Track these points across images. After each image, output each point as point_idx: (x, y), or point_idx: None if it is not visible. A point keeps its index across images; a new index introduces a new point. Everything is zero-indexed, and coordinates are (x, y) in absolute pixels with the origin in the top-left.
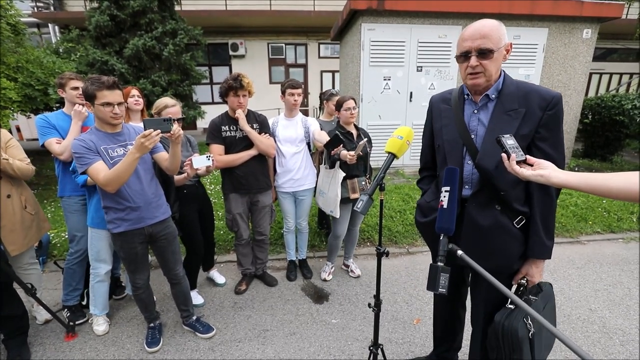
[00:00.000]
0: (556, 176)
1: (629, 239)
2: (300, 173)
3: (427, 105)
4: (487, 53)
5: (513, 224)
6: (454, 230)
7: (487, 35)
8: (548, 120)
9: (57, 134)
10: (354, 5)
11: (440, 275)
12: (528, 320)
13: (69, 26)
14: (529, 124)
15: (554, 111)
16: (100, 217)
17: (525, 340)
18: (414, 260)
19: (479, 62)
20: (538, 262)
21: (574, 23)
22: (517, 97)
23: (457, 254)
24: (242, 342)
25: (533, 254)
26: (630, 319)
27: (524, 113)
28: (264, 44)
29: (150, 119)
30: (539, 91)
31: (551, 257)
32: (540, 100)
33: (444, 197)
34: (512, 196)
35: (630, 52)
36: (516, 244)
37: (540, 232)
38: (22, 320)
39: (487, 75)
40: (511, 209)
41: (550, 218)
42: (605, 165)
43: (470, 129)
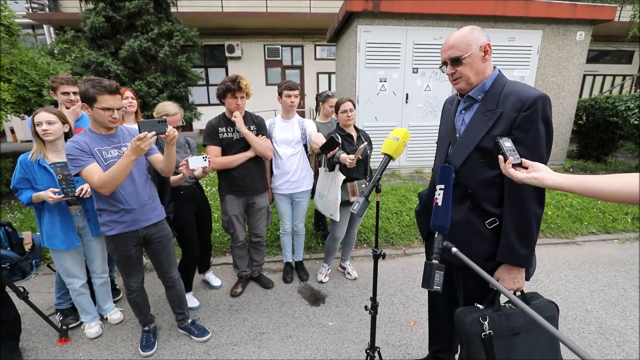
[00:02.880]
0: (550, 178)
1: (624, 240)
2: (297, 175)
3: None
4: (457, 60)
5: (485, 224)
6: (448, 228)
7: (454, 45)
8: (522, 122)
9: None
10: (349, 7)
11: (435, 272)
12: (485, 321)
13: (64, 27)
14: (503, 124)
15: (529, 112)
16: (54, 236)
17: (477, 339)
18: (411, 261)
19: (453, 69)
20: (511, 268)
21: (567, 25)
22: (498, 98)
23: (451, 251)
24: (238, 345)
25: (502, 257)
26: (626, 319)
27: (499, 114)
28: (260, 46)
29: (145, 121)
30: (519, 92)
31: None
32: (516, 101)
33: (439, 195)
34: (480, 196)
35: (623, 54)
36: (484, 244)
37: (510, 237)
38: (14, 324)
39: (465, 79)
40: (482, 209)
41: (525, 224)
42: (599, 166)
43: (456, 128)
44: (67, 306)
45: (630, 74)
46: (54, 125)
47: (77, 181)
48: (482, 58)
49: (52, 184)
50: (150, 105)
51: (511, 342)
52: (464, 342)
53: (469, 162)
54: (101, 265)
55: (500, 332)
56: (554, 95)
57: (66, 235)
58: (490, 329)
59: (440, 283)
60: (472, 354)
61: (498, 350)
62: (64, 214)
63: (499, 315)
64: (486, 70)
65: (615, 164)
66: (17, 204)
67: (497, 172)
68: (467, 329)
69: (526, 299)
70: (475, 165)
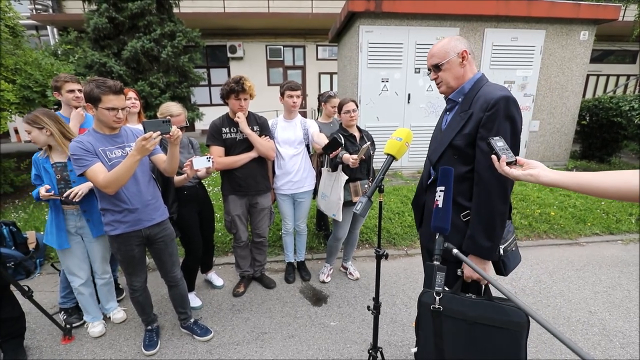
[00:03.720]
0: (545, 175)
1: (628, 241)
2: (299, 175)
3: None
4: (437, 67)
5: (460, 216)
6: (449, 229)
7: (433, 54)
8: (486, 121)
9: None
10: (351, 7)
11: (436, 274)
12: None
13: (68, 28)
14: (471, 124)
15: (492, 112)
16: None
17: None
18: (413, 262)
19: (435, 75)
20: (476, 260)
21: (571, 25)
22: (472, 100)
23: (452, 252)
24: (240, 345)
25: (465, 247)
26: (630, 321)
27: (470, 114)
28: (262, 46)
29: (149, 121)
30: (486, 93)
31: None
32: (482, 102)
33: (439, 196)
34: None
35: (627, 53)
36: (458, 235)
37: (474, 230)
38: (18, 322)
39: (445, 83)
40: (456, 202)
41: (488, 217)
42: (603, 166)
43: (442, 127)
44: (71, 305)
45: (634, 74)
46: (31, 134)
47: (74, 181)
48: (460, 64)
49: (53, 183)
50: (152, 105)
51: (464, 328)
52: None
53: (444, 159)
54: (101, 266)
55: (453, 314)
56: (558, 95)
57: (58, 234)
58: (441, 304)
59: (442, 284)
60: (421, 325)
61: (446, 329)
62: (57, 213)
63: (454, 297)
64: (466, 74)
65: (619, 165)
66: (21, 204)
67: (469, 168)
68: (421, 299)
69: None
70: (449, 161)
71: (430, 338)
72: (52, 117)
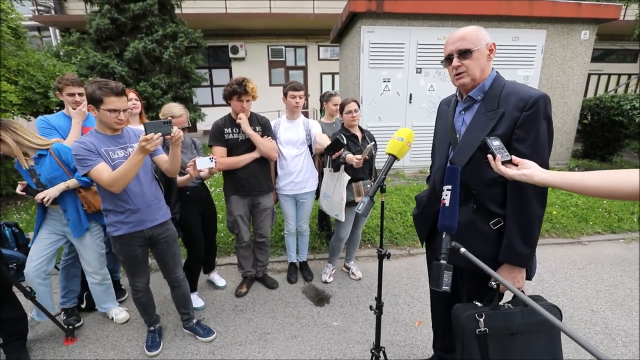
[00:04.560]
0: (538, 175)
1: (630, 240)
2: (301, 176)
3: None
4: (466, 53)
5: (489, 225)
6: (455, 228)
7: (464, 37)
8: (525, 121)
9: (58, 134)
10: (353, 7)
11: (443, 272)
12: (481, 318)
13: (70, 29)
14: (505, 124)
15: (532, 111)
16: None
17: (472, 335)
18: (415, 261)
19: (460, 62)
20: (511, 268)
21: (572, 24)
22: (499, 98)
23: (460, 251)
24: (243, 345)
25: (503, 257)
26: (632, 320)
27: (501, 114)
28: (263, 47)
29: (150, 122)
30: (520, 92)
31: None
32: (518, 101)
33: (446, 195)
34: (485, 196)
35: (628, 53)
36: (489, 244)
37: (512, 236)
38: (21, 323)
39: (470, 74)
40: (486, 209)
41: (526, 223)
42: (605, 165)
43: (456, 128)
44: (71, 305)
45: (635, 73)
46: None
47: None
48: (487, 56)
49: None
50: (154, 106)
51: (508, 342)
52: (459, 338)
53: (473, 163)
54: (89, 266)
55: (497, 331)
56: (559, 94)
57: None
58: (485, 326)
59: (449, 283)
60: (467, 351)
61: (493, 349)
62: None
63: (496, 314)
64: (487, 69)
65: (621, 164)
66: (24, 205)
67: None
68: (462, 324)
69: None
70: (478, 165)
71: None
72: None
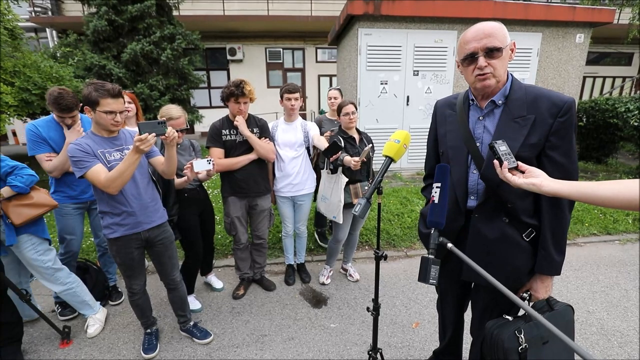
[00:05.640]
0: (547, 185)
1: (625, 241)
2: (299, 178)
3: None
4: (495, 51)
5: (522, 237)
6: (444, 224)
7: (493, 34)
8: (560, 128)
9: (48, 147)
10: (350, 10)
11: (431, 267)
12: (521, 334)
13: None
14: (539, 131)
15: (566, 117)
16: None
17: (514, 353)
18: (413, 263)
19: (487, 61)
20: (544, 278)
21: (567, 28)
22: (526, 103)
23: (447, 246)
24: (240, 348)
25: (540, 268)
26: (628, 320)
27: (533, 120)
28: (261, 49)
29: (145, 122)
30: (550, 96)
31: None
32: (550, 106)
33: (435, 192)
34: (519, 208)
35: (622, 55)
36: (525, 257)
37: (549, 246)
38: (16, 327)
39: (496, 75)
40: (519, 222)
41: (561, 231)
42: (600, 167)
43: (476, 136)
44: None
45: (630, 76)
46: None
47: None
48: (510, 57)
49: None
50: (152, 108)
51: (541, 351)
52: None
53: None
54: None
55: (533, 343)
56: None
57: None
58: (525, 341)
59: (436, 277)
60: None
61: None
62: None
63: (531, 326)
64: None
65: (616, 165)
66: None
67: None
68: (505, 345)
69: (550, 305)
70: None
71: None
72: None
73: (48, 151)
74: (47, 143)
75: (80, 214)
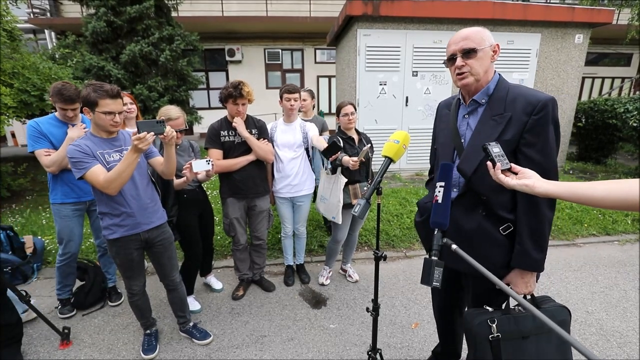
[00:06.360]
0: (540, 186)
1: (624, 241)
2: (298, 179)
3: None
4: (470, 52)
5: (499, 230)
6: (447, 225)
7: (469, 37)
8: (534, 125)
9: (47, 143)
10: (349, 11)
11: (434, 269)
12: (493, 323)
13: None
14: (513, 128)
15: (541, 115)
16: None
17: (484, 341)
18: (412, 264)
19: (464, 62)
20: (524, 273)
21: (566, 28)
22: (505, 102)
23: (451, 248)
24: (240, 348)
25: (516, 263)
26: (627, 321)
27: (508, 118)
28: (260, 50)
29: (143, 121)
30: (527, 95)
31: (543, 270)
32: (526, 105)
33: (439, 192)
34: (495, 202)
35: (621, 56)
36: (500, 251)
37: (524, 242)
38: (16, 328)
39: (474, 73)
40: (496, 215)
41: (538, 228)
42: (599, 168)
43: (460, 133)
44: (65, 296)
45: (629, 76)
46: None
47: None
48: (491, 57)
49: None
50: (151, 109)
51: (520, 346)
52: (471, 343)
53: (482, 168)
54: None
55: (509, 336)
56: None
57: None
58: (498, 331)
59: (440, 279)
60: (479, 356)
61: (506, 353)
62: None
63: (508, 318)
64: (490, 71)
65: (615, 166)
66: (19, 208)
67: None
68: (475, 330)
69: (536, 303)
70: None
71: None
72: None
73: (47, 146)
74: (47, 138)
75: (80, 215)
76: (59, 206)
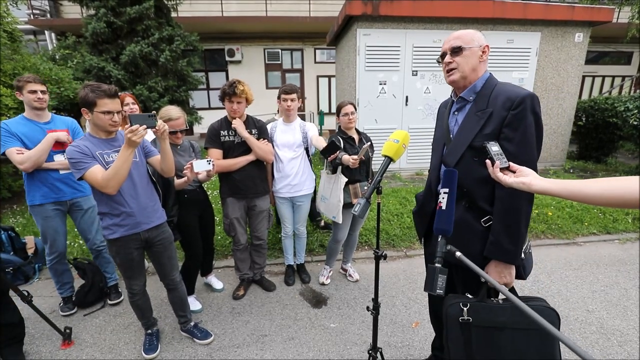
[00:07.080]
0: (537, 183)
1: (624, 240)
2: (297, 178)
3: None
4: (458, 50)
5: (480, 222)
6: (451, 231)
7: (459, 37)
8: (512, 120)
9: (18, 142)
10: (349, 10)
11: (438, 276)
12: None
13: (66, 33)
14: (493, 123)
15: (519, 110)
16: None
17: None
18: (412, 263)
19: (452, 59)
20: (497, 263)
21: (566, 27)
22: (489, 98)
23: (455, 255)
24: (241, 348)
25: (487, 252)
26: (627, 319)
27: (489, 113)
28: (260, 50)
29: (135, 115)
30: (508, 91)
31: (514, 263)
32: (505, 100)
33: (443, 198)
34: (476, 194)
35: (622, 55)
36: (479, 242)
37: (498, 232)
38: (18, 328)
39: (460, 70)
40: (477, 207)
41: (513, 220)
42: (599, 166)
43: (450, 129)
44: (67, 294)
45: (629, 75)
46: None
47: None
48: (480, 57)
49: None
50: (151, 109)
51: (492, 336)
52: (444, 324)
53: (463, 161)
54: None
55: (482, 323)
56: (553, 96)
57: None
58: (469, 316)
59: (443, 287)
60: (450, 338)
61: (476, 339)
62: None
63: (483, 306)
64: (480, 70)
65: (615, 165)
66: (20, 209)
67: None
68: (447, 311)
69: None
70: (469, 164)
71: (461, 350)
72: None
73: (19, 145)
74: (17, 137)
75: (62, 213)
76: (38, 208)
